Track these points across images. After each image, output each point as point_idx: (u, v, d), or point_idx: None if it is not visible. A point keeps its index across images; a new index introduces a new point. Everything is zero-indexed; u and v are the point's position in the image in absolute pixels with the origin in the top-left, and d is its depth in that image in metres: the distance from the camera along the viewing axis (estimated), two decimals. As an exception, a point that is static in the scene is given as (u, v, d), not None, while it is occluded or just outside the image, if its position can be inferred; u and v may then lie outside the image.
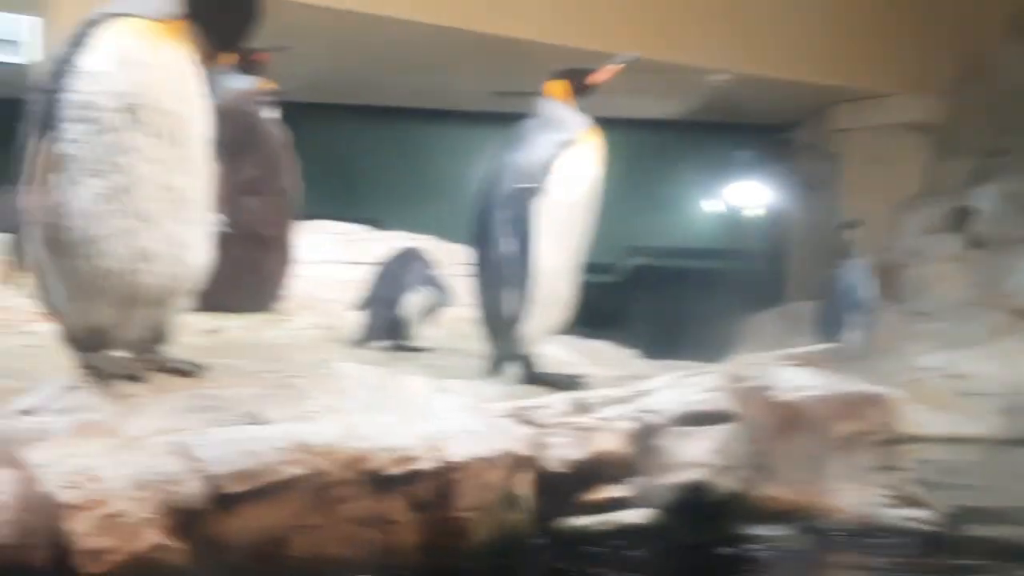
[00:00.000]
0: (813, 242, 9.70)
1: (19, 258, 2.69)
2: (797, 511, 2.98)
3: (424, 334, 4.34)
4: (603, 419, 2.98)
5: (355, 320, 4.37)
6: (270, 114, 5.00)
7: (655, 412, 2.97)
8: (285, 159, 4.78)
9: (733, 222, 11.18)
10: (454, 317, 4.46)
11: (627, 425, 2.95)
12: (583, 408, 3.04)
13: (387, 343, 4.22)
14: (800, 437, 3.03)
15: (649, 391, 3.11)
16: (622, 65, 3.68)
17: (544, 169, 3.50)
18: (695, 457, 2.89)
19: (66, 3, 6.12)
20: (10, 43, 8.14)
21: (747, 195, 11.18)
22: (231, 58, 4.39)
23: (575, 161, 3.54)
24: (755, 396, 3.07)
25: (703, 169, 10.81)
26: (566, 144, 3.54)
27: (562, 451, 2.85)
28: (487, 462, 2.63)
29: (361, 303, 4.38)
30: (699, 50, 8.43)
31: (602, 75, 3.67)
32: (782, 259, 10.61)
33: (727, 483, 2.90)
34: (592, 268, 3.73)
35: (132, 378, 2.67)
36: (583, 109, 3.65)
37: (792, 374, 3.19)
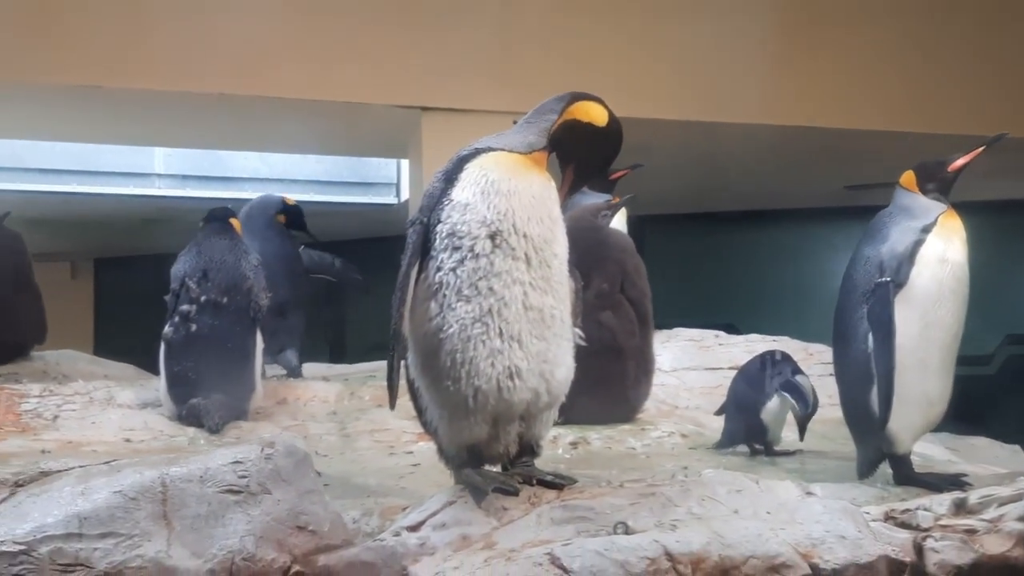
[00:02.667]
0: None
1: (394, 382, 2.88)
2: None
3: (787, 437, 4.25)
4: (989, 520, 2.79)
5: (718, 426, 4.35)
6: (619, 227, 5.14)
7: (1048, 511, 2.76)
8: (636, 270, 4.87)
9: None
10: (818, 419, 4.34)
11: (1016, 526, 2.75)
12: (966, 509, 2.87)
13: (748, 447, 4.17)
14: None
15: (1038, 489, 2.89)
16: (982, 148, 3.52)
17: (903, 261, 3.39)
18: (1098, 560, 2.65)
19: (428, 144, 6.63)
20: (387, 185, 8.89)
21: None
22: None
23: (935, 250, 3.41)
24: None
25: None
26: (924, 233, 3.42)
27: (945, 556, 2.69)
28: (863, 568, 2.53)
29: (722, 407, 4.35)
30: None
31: (962, 160, 3.53)
32: None
33: None
34: (966, 360, 3.55)
35: (506, 491, 2.77)
36: (946, 195, 3.52)
37: None
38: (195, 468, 2.63)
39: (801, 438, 4.16)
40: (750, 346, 5.47)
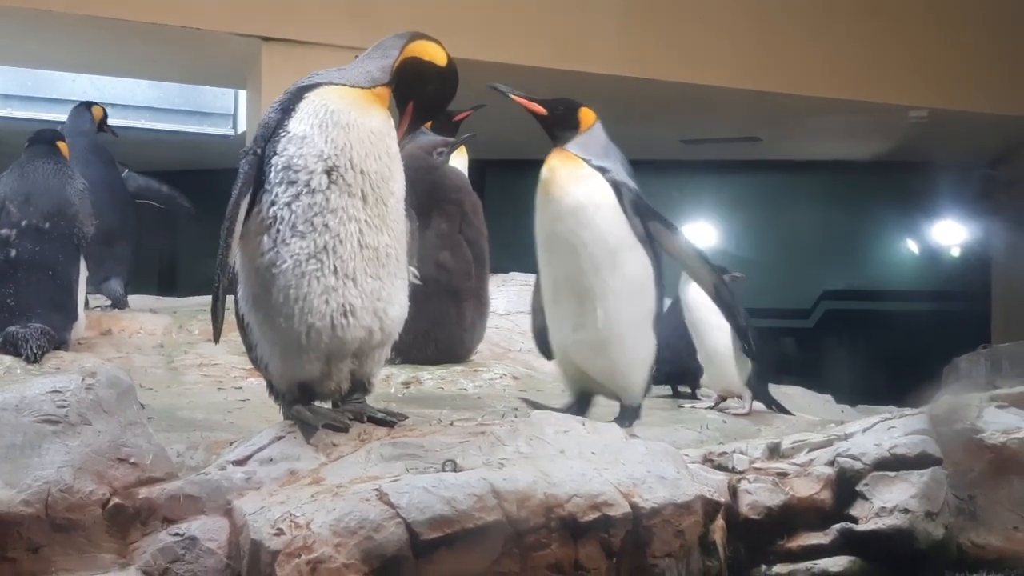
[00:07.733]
0: (1019, 280, 9.29)
1: (220, 314, 2.83)
2: (1006, 560, 2.85)
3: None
4: (800, 464, 2.93)
5: (549, 369, 4.40)
6: (458, 168, 5.14)
7: (854, 457, 2.90)
8: (473, 210, 4.88)
9: (934, 263, 10.80)
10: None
11: (825, 470, 2.89)
12: (779, 454, 3.00)
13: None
14: (1010, 481, 2.90)
15: (847, 435, 3.03)
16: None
17: None
18: (897, 503, 2.81)
19: (268, 76, 6.48)
20: (223, 116, 8.66)
21: (948, 235, 10.79)
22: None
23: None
24: (961, 439, 2.96)
25: (902, 209, 10.50)
26: None
27: (757, 497, 2.81)
28: (681, 508, 2.62)
29: None
30: (896, 87, 8.23)
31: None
32: (985, 299, 10.19)
33: (931, 530, 2.80)
34: (786, 313, 3.68)
35: (335, 428, 2.76)
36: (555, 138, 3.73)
37: (1001, 416, 3.06)
38: (10, 397, 2.54)
39: None
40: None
